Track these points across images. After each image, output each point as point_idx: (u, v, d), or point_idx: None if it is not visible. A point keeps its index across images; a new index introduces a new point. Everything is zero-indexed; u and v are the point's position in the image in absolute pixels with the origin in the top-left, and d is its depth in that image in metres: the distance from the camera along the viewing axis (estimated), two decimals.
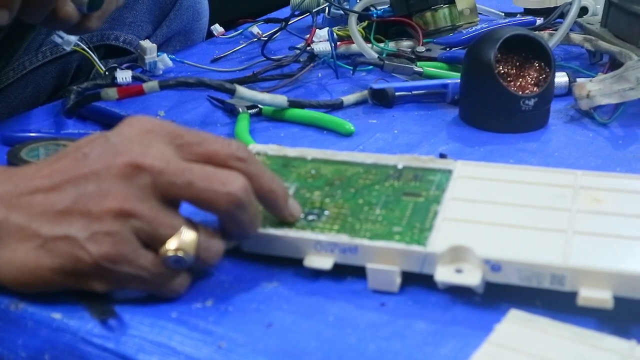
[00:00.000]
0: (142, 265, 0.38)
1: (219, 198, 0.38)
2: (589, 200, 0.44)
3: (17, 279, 0.38)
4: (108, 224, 0.37)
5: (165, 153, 0.38)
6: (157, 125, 0.40)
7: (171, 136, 0.39)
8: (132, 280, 0.38)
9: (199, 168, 0.38)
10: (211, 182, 0.38)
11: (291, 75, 0.71)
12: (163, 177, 0.38)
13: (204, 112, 0.67)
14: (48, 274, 0.38)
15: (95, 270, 0.37)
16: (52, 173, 0.38)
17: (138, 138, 0.39)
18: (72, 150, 0.39)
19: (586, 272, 0.38)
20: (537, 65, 0.61)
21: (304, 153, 0.50)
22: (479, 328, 0.38)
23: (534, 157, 0.57)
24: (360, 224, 0.43)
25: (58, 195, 0.38)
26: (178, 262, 0.38)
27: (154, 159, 0.38)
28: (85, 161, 0.38)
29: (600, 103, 0.61)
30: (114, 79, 0.67)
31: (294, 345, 0.37)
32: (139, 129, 0.39)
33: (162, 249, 0.38)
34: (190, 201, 0.39)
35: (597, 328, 0.37)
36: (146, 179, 0.37)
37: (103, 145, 0.39)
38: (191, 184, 0.38)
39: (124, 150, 0.38)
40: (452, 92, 0.66)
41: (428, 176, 0.47)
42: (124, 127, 0.40)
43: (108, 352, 0.37)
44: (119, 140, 0.39)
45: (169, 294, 0.39)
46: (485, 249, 0.40)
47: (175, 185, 0.38)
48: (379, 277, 0.41)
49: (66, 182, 0.38)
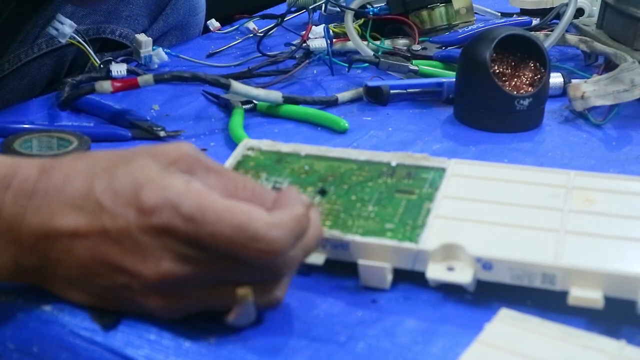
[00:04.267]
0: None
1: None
2: (582, 201, 0.44)
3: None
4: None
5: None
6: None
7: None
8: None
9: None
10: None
11: (286, 71, 0.70)
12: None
13: (198, 107, 0.66)
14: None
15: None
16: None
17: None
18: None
19: (577, 272, 0.38)
20: (532, 66, 0.61)
21: (298, 149, 0.50)
22: (469, 327, 0.37)
23: (528, 156, 0.57)
24: (352, 220, 0.43)
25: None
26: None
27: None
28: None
29: (595, 104, 0.61)
30: (108, 72, 0.67)
31: (284, 342, 0.37)
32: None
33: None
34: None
35: (587, 328, 0.37)
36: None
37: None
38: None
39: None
40: (447, 91, 0.65)
41: (421, 174, 0.47)
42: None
43: (96, 345, 0.37)
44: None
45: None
46: (477, 247, 0.40)
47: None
48: (370, 273, 0.41)
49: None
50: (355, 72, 0.72)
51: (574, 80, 0.66)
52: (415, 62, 0.70)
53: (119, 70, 0.67)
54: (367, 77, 0.71)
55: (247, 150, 0.50)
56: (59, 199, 0.36)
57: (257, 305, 0.37)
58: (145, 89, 0.60)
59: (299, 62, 0.71)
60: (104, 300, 0.38)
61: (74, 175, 0.37)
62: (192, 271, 0.35)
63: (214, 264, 0.35)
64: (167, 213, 0.34)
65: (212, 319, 0.37)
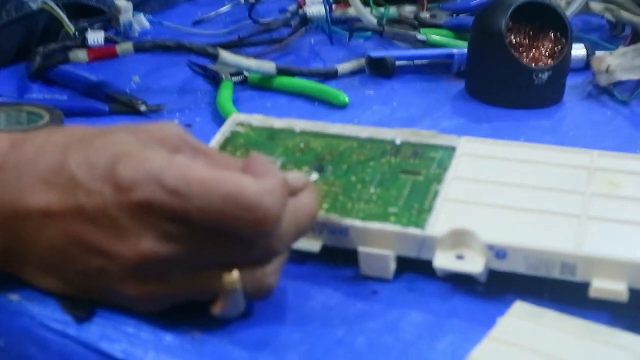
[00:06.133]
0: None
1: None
2: (605, 184, 0.44)
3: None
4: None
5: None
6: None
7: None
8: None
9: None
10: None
11: (281, 40, 0.70)
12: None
13: (183, 79, 0.66)
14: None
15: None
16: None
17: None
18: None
19: (600, 261, 0.38)
20: (552, 36, 0.62)
21: (292, 124, 0.50)
22: (480, 321, 0.38)
23: (547, 135, 0.57)
24: (352, 203, 0.43)
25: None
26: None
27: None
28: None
29: (621, 79, 0.61)
30: (84, 40, 0.67)
31: (275, 337, 0.37)
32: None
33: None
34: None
35: (609, 323, 0.37)
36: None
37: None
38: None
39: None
40: (458, 63, 0.66)
41: (429, 153, 0.47)
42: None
43: (68, 339, 0.37)
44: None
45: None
46: (489, 234, 0.40)
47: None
48: (371, 262, 0.41)
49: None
50: (356, 41, 0.73)
51: (598, 52, 0.66)
52: (423, 31, 0.71)
53: (96, 39, 0.67)
54: (370, 47, 0.71)
55: (237, 125, 0.50)
56: (30, 174, 0.36)
57: (246, 294, 0.37)
58: (124, 59, 0.60)
59: (294, 30, 0.71)
60: (78, 287, 0.38)
61: (48, 147, 0.37)
62: (175, 250, 0.35)
63: (200, 241, 0.35)
64: (148, 187, 0.34)
65: (196, 310, 0.37)
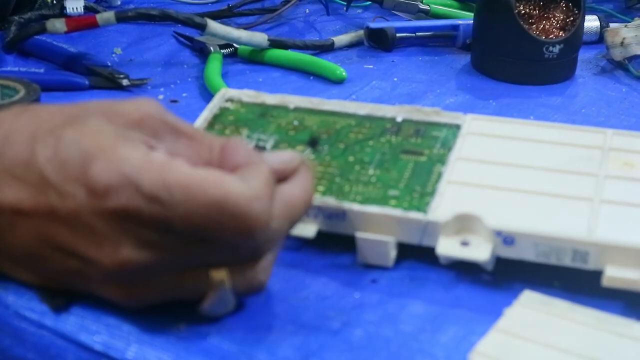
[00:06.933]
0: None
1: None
2: (620, 165, 0.44)
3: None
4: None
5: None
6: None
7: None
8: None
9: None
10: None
11: (273, 9, 0.71)
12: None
13: (168, 51, 0.66)
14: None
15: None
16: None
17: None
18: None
19: (614, 248, 0.38)
20: (563, 6, 0.62)
21: (286, 101, 0.49)
22: (487, 312, 0.38)
23: (557, 113, 0.58)
24: (350, 185, 0.42)
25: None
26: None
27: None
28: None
29: (636, 53, 0.61)
30: (62, 8, 0.67)
31: (267, 329, 0.37)
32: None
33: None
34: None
35: (623, 313, 0.38)
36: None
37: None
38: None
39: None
40: (463, 35, 0.66)
41: (432, 132, 0.46)
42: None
43: (45, 330, 0.37)
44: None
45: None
46: (496, 219, 0.39)
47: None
48: (370, 248, 0.41)
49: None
50: (354, 11, 0.73)
51: (612, 24, 0.66)
52: (426, 1, 0.70)
53: (75, 7, 0.67)
54: (369, 17, 0.71)
55: (226, 101, 0.50)
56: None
57: (236, 291, 0.36)
58: (105, 29, 0.61)
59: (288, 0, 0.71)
60: (56, 282, 0.37)
61: (14, 135, 0.36)
62: (156, 258, 0.34)
63: (182, 246, 0.34)
64: (125, 193, 0.33)
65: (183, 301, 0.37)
